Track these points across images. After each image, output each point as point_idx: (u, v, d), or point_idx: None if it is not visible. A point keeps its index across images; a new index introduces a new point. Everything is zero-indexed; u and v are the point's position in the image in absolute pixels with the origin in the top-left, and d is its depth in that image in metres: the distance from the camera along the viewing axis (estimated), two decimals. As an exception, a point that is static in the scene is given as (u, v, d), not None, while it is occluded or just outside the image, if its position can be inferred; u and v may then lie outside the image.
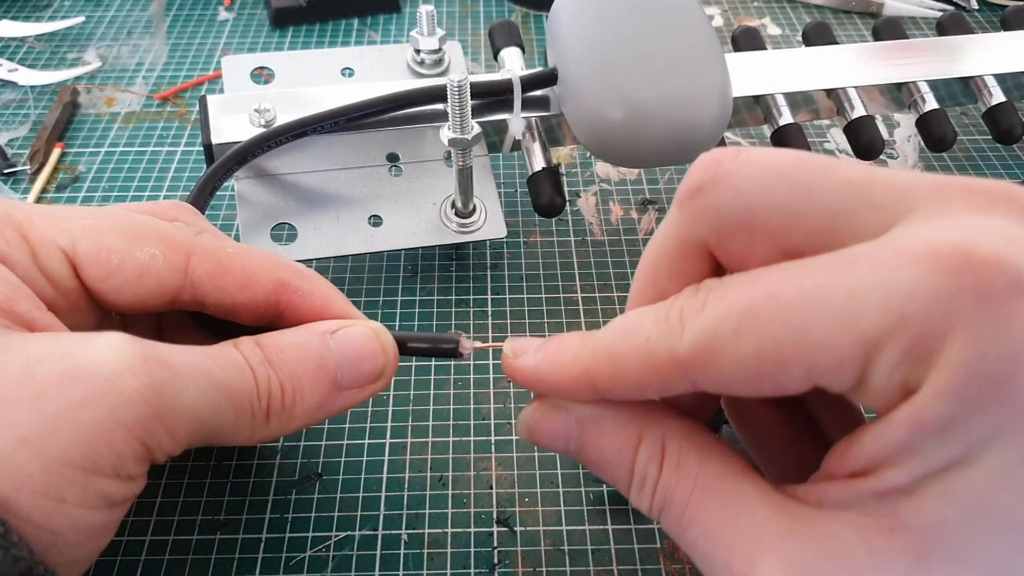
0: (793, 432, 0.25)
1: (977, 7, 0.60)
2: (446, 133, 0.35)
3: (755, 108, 0.42)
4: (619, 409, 0.23)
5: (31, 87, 0.52)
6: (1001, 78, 0.43)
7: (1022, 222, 0.18)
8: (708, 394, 0.23)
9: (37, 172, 0.45)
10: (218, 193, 0.37)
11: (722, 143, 0.40)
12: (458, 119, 0.35)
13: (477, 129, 0.35)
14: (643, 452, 0.22)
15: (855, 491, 0.19)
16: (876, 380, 0.18)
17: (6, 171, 0.45)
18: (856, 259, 0.18)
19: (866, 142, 0.41)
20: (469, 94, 0.34)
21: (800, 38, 0.47)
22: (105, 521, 0.21)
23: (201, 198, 0.34)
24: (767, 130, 0.42)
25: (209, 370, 0.22)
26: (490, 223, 0.39)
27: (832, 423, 0.24)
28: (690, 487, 0.21)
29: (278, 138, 0.36)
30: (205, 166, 0.46)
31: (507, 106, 0.39)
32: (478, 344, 0.27)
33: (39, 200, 0.44)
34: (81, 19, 0.58)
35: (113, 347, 0.21)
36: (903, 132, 0.49)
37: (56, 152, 0.46)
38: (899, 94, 0.43)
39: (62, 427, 0.19)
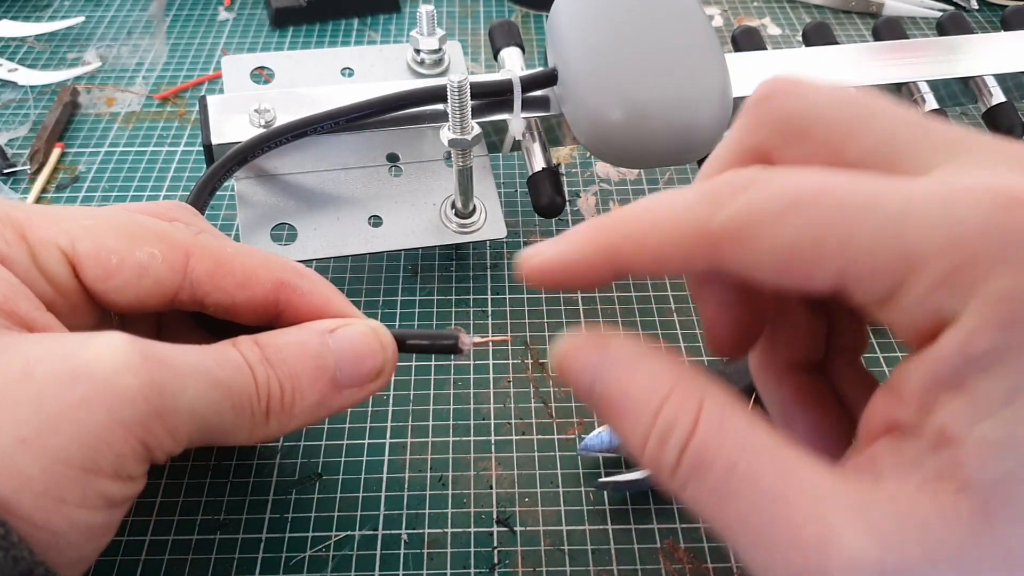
0: (819, 400, 0.24)
1: (977, 7, 0.60)
2: (446, 133, 0.35)
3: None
4: (662, 358, 0.21)
5: (31, 87, 0.52)
6: (1001, 78, 0.43)
7: None
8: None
9: (37, 172, 0.45)
10: (218, 193, 0.37)
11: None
12: (458, 119, 0.35)
13: (477, 129, 0.35)
14: (675, 399, 0.20)
15: (910, 451, 0.19)
16: (909, 299, 0.18)
17: (6, 171, 0.45)
18: (912, 181, 0.19)
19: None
20: (469, 94, 0.34)
21: (800, 38, 0.46)
22: (105, 521, 0.21)
23: (201, 198, 0.34)
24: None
25: (208, 369, 0.22)
26: (490, 223, 0.39)
27: (855, 395, 0.24)
28: (738, 450, 0.19)
29: (278, 138, 0.36)
30: (205, 166, 0.46)
31: (507, 106, 0.39)
32: (477, 340, 0.27)
33: (39, 200, 0.44)
34: (81, 19, 0.58)
35: (113, 346, 0.21)
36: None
37: (56, 152, 0.46)
38: (899, 94, 0.43)
39: (62, 427, 0.19)
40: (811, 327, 0.25)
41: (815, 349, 0.25)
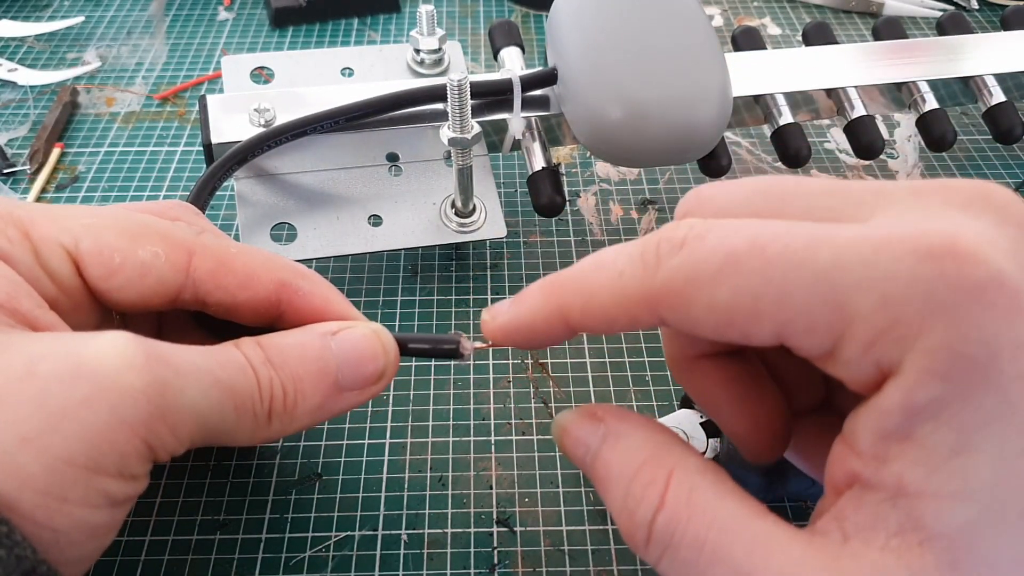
0: (747, 389, 0.24)
1: (977, 7, 0.60)
2: (446, 132, 0.35)
3: (755, 108, 0.42)
4: (645, 433, 0.22)
5: (31, 87, 0.52)
6: (1001, 78, 0.43)
7: (998, 221, 0.18)
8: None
9: (37, 172, 0.45)
10: (218, 193, 0.37)
11: (722, 142, 0.40)
12: (458, 118, 0.35)
13: (477, 128, 0.35)
14: (645, 473, 0.21)
15: (871, 507, 0.19)
16: (848, 354, 0.18)
17: (6, 171, 0.45)
18: (845, 228, 0.19)
19: (866, 142, 0.41)
20: (469, 93, 0.34)
21: (800, 38, 0.46)
22: (107, 520, 0.21)
23: (201, 198, 0.34)
24: (767, 130, 0.42)
25: (211, 369, 0.22)
26: (490, 223, 0.39)
27: (793, 381, 0.24)
28: (706, 526, 0.20)
29: (278, 138, 0.36)
30: (205, 166, 0.46)
31: (507, 106, 0.39)
32: (479, 345, 0.27)
33: (39, 200, 0.44)
34: (81, 19, 0.58)
35: (116, 345, 0.21)
36: (903, 132, 0.49)
37: (56, 152, 0.46)
38: (899, 94, 0.43)
39: (65, 426, 0.19)
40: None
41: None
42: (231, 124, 0.38)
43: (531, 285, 0.24)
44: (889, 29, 0.45)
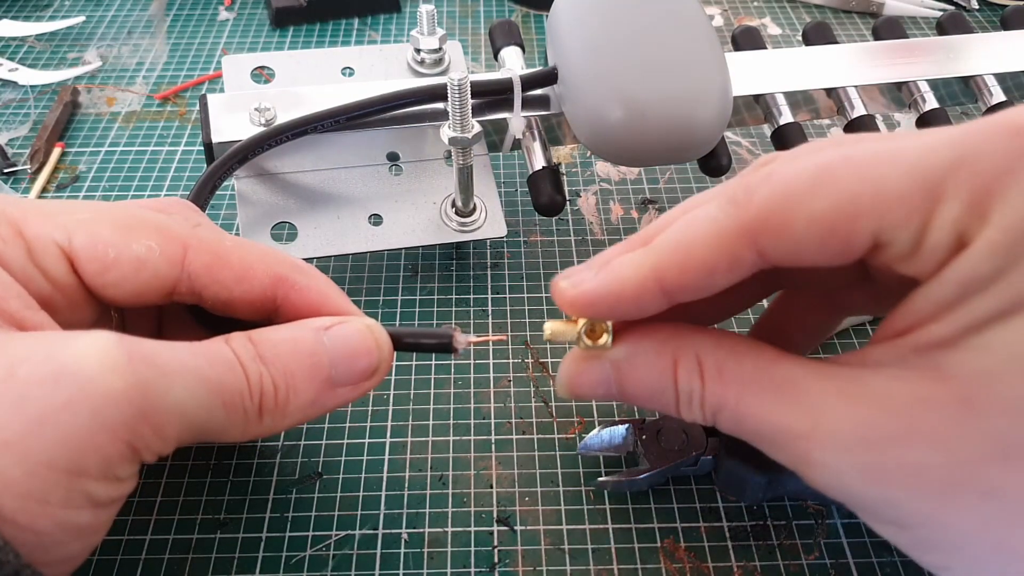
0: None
1: (977, 7, 0.60)
2: (447, 132, 0.35)
3: (755, 107, 0.42)
4: (649, 339, 0.24)
5: (31, 87, 0.52)
6: (1001, 77, 0.43)
7: None
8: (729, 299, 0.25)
9: (37, 172, 0.45)
10: (218, 192, 0.37)
11: (722, 142, 0.40)
12: (458, 118, 0.35)
13: (477, 128, 0.35)
14: (683, 370, 0.23)
15: (896, 349, 0.20)
16: (936, 234, 0.19)
17: (6, 171, 0.45)
18: (923, 134, 0.20)
19: (867, 142, 0.41)
20: (469, 93, 0.34)
21: (800, 38, 0.46)
22: (92, 520, 0.21)
23: (201, 196, 0.34)
24: (767, 129, 0.42)
25: (198, 367, 0.22)
26: (490, 222, 0.39)
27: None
28: (737, 388, 0.22)
29: (278, 137, 0.36)
30: (205, 165, 0.46)
31: (507, 105, 0.39)
32: (473, 339, 0.27)
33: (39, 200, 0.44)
34: (81, 19, 0.58)
35: (97, 346, 0.20)
36: (903, 132, 0.49)
37: (56, 152, 0.46)
38: (899, 94, 0.43)
39: (45, 430, 0.19)
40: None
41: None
42: (231, 123, 0.38)
43: (607, 251, 0.24)
44: (889, 29, 0.45)
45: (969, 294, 0.19)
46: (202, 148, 0.47)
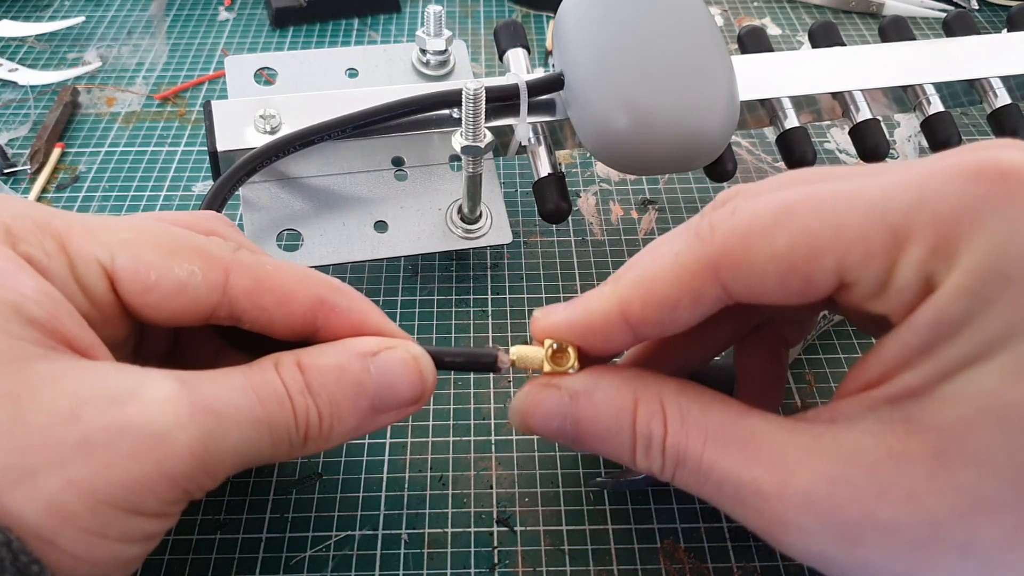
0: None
1: (977, 7, 0.60)
2: (459, 140, 0.35)
3: (759, 110, 0.42)
4: (611, 376, 0.24)
5: (31, 87, 0.52)
6: (1006, 80, 0.43)
7: None
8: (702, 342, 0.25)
9: (37, 172, 0.45)
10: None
11: (727, 148, 0.39)
12: (471, 127, 0.34)
13: (490, 137, 0.35)
14: (642, 411, 0.23)
15: (867, 402, 0.20)
16: (902, 276, 0.19)
17: (6, 171, 0.45)
18: (885, 174, 0.20)
19: (871, 145, 0.41)
20: (484, 103, 0.34)
21: (801, 38, 0.46)
22: (140, 552, 0.22)
23: (212, 209, 0.34)
24: (770, 133, 0.42)
25: (251, 408, 0.22)
26: (496, 229, 0.38)
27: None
28: (702, 438, 0.22)
29: (288, 147, 0.36)
30: (206, 166, 0.46)
31: (513, 110, 0.39)
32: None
33: (39, 200, 0.44)
34: (81, 19, 0.58)
35: (160, 400, 0.21)
36: (903, 132, 0.49)
37: (56, 152, 0.46)
38: (904, 96, 0.43)
39: (111, 474, 0.20)
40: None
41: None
42: (237, 131, 0.38)
43: (589, 292, 0.24)
44: (895, 29, 0.45)
45: (939, 340, 0.19)
46: (202, 148, 0.47)
